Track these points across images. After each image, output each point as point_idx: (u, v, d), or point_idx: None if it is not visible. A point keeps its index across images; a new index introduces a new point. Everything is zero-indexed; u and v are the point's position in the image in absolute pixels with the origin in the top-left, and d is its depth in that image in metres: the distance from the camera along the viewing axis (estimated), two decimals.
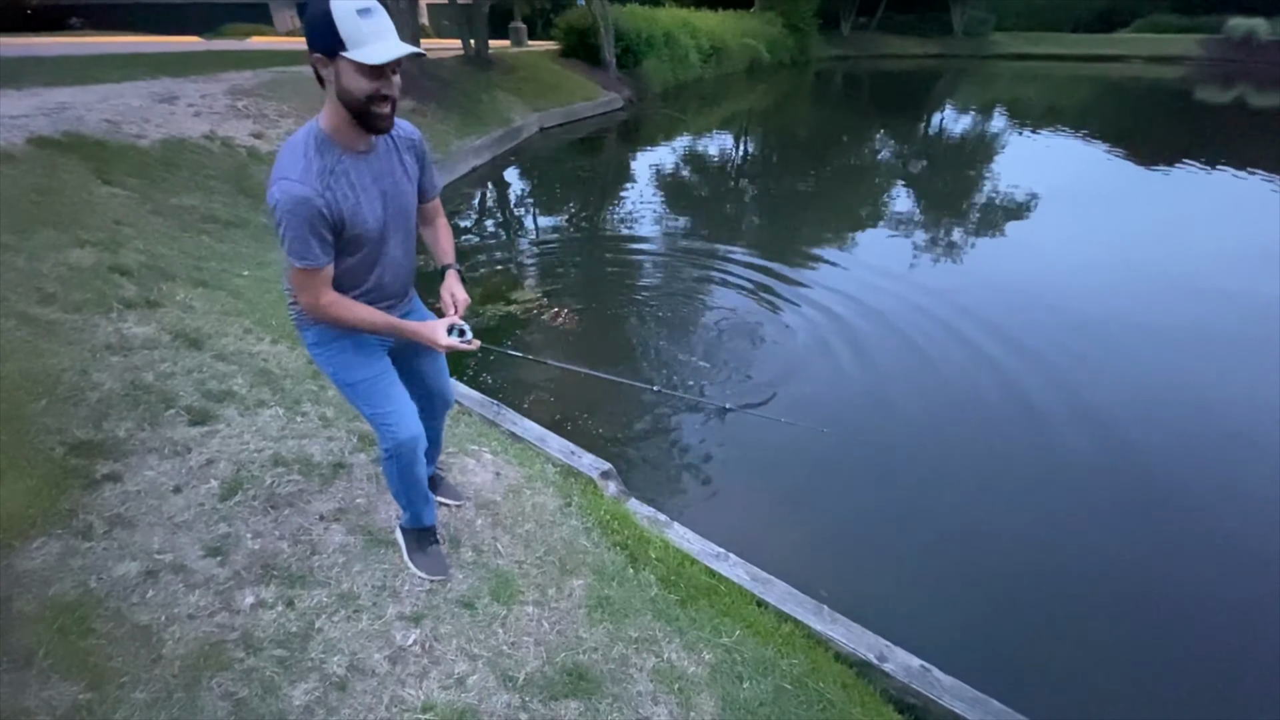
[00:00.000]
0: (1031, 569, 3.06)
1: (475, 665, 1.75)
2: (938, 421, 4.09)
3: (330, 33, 1.24)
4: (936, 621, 2.78)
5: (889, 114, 18.78)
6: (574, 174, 10.76)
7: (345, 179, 1.39)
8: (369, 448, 2.68)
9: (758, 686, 2.07)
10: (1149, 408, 4.27)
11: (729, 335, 5.07)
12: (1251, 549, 3.18)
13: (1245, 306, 5.78)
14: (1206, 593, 2.96)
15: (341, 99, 1.32)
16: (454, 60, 13.11)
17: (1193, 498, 3.51)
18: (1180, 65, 30.85)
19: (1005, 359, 4.81)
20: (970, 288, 6.09)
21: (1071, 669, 2.62)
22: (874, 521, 3.33)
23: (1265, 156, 12.37)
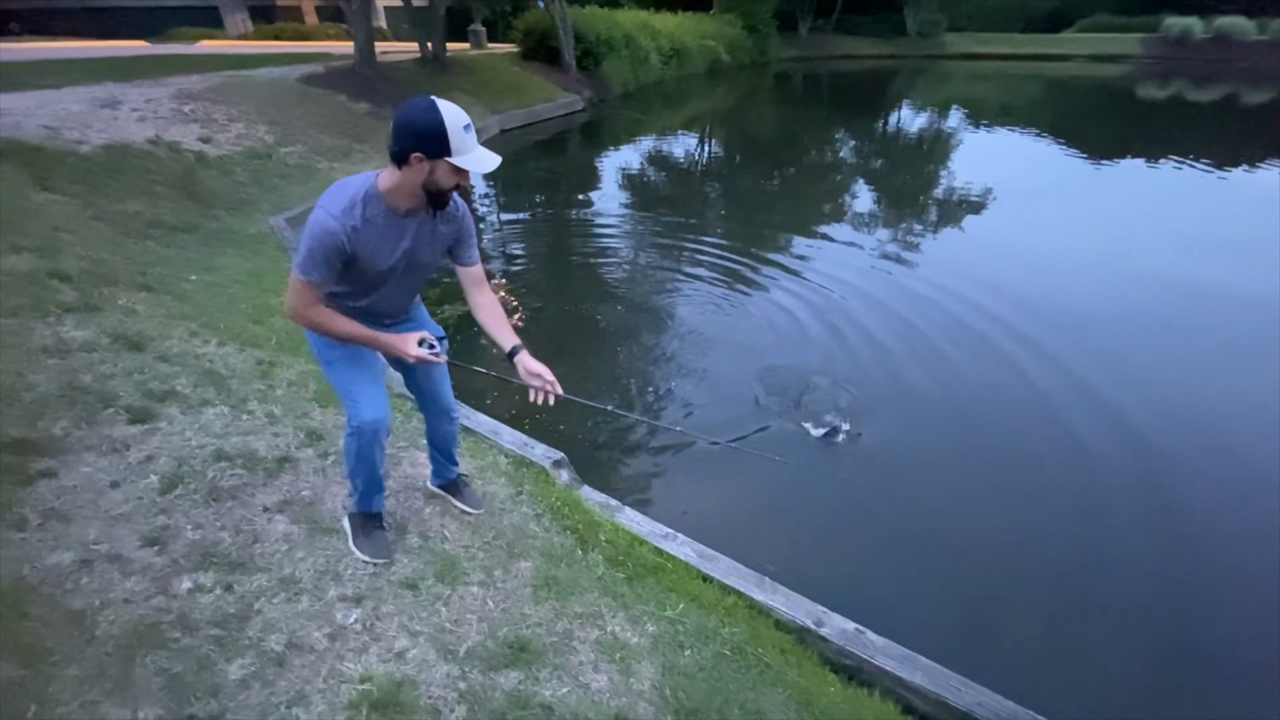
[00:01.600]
0: (968, 539, 3.21)
1: (416, 641, 1.79)
2: (882, 401, 4.25)
3: (441, 142, 1.48)
4: (875, 589, 2.92)
5: (849, 113, 19.21)
6: (536, 174, 10.79)
7: (375, 228, 1.59)
8: (316, 443, 2.69)
9: (699, 654, 2.15)
10: (1099, 387, 4.48)
11: (690, 340, 5.07)
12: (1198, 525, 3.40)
13: (1197, 294, 6.00)
14: (1132, 559, 3.15)
15: (426, 186, 1.55)
16: (411, 63, 13.02)
17: (1127, 467, 3.73)
18: (1122, 64, 32.18)
19: (956, 342, 5.04)
20: (933, 279, 6.24)
21: (998, 629, 2.77)
22: (824, 502, 3.46)
23: (1203, 149, 13.03)
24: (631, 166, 11.50)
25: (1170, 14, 32.68)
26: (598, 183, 10.39)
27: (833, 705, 2.05)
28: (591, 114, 15.88)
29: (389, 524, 2.27)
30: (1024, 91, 25.18)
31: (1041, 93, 24.78)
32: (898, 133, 16.13)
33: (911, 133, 16.14)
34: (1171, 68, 29.97)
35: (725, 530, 3.18)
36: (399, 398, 3.45)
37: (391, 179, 1.56)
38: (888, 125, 17.13)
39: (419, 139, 1.47)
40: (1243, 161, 11.81)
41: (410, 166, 1.52)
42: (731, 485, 3.56)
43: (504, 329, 1.85)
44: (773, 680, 2.11)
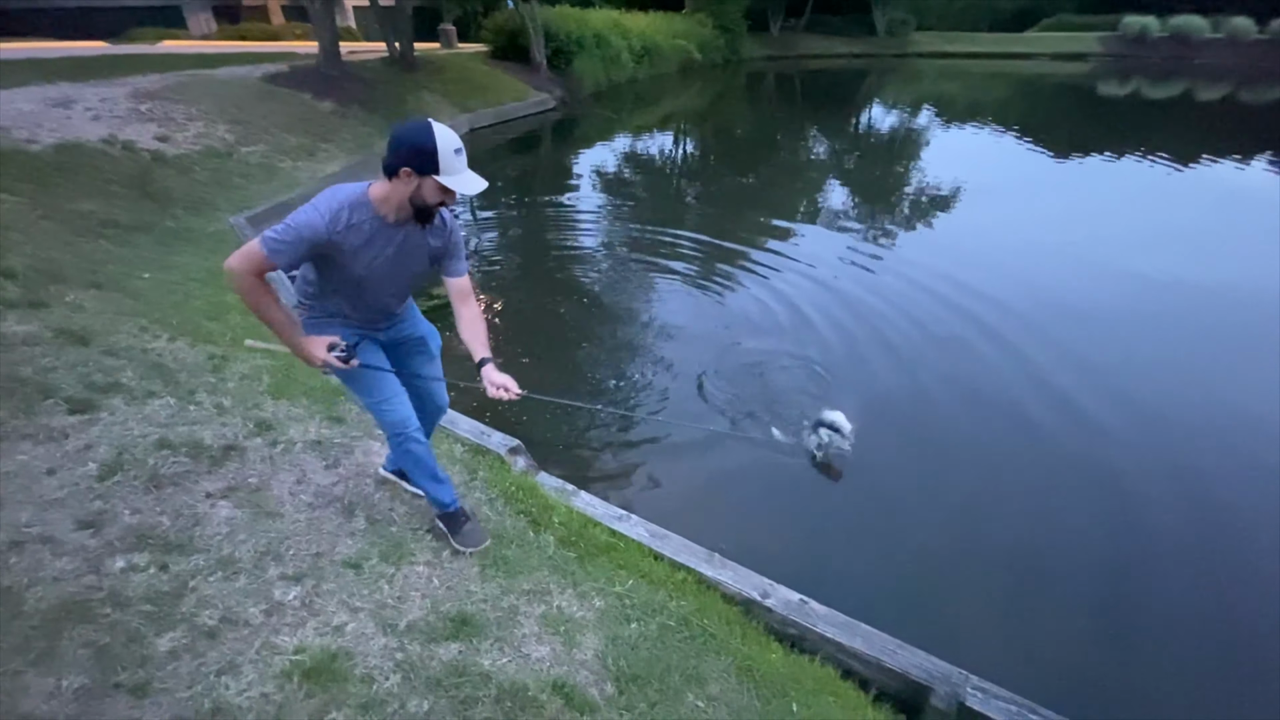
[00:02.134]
0: (919, 516, 3.31)
1: (355, 616, 1.82)
2: (838, 384, 4.35)
3: (430, 161, 1.57)
4: (823, 563, 3.00)
5: (822, 112, 19.43)
6: (506, 172, 10.77)
7: (361, 233, 1.66)
8: (266, 432, 2.69)
9: (644, 626, 2.20)
10: (1054, 370, 4.64)
11: (661, 333, 5.11)
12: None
13: (1160, 286, 6.15)
14: (1073, 531, 3.27)
15: (413, 200, 1.64)
16: (378, 62, 12.91)
17: (1068, 443, 3.86)
18: (1084, 61, 33.00)
19: (918, 328, 5.17)
20: (903, 274, 6.33)
21: (936, 597, 2.86)
22: (780, 484, 3.53)
23: (1163, 145, 13.43)
24: (605, 165, 11.53)
25: (1129, 13, 33.59)
26: (571, 181, 10.41)
27: (773, 671, 2.11)
28: (563, 113, 15.88)
29: (472, 512, 2.33)
30: (991, 89, 25.70)
31: (1008, 91, 25.31)
32: (870, 131, 16.37)
33: (883, 131, 16.39)
34: (1130, 65, 30.81)
35: (682, 512, 3.24)
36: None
37: (382, 189, 1.65)
38: (860, 123, 17.38)
39: (411, 155, 1.57)
40: (1201, 156, 12.21)
41: (399, 179, 1.60)
42: (690, 470, 3.61)
43: (479, 342, 1.93)
44: (716, 649, 2.17)
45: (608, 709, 1.79)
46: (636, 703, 1.84)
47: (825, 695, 2.05)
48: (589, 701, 1.79)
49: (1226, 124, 17.82)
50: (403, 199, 1.64)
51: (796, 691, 2.04)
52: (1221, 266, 6.67)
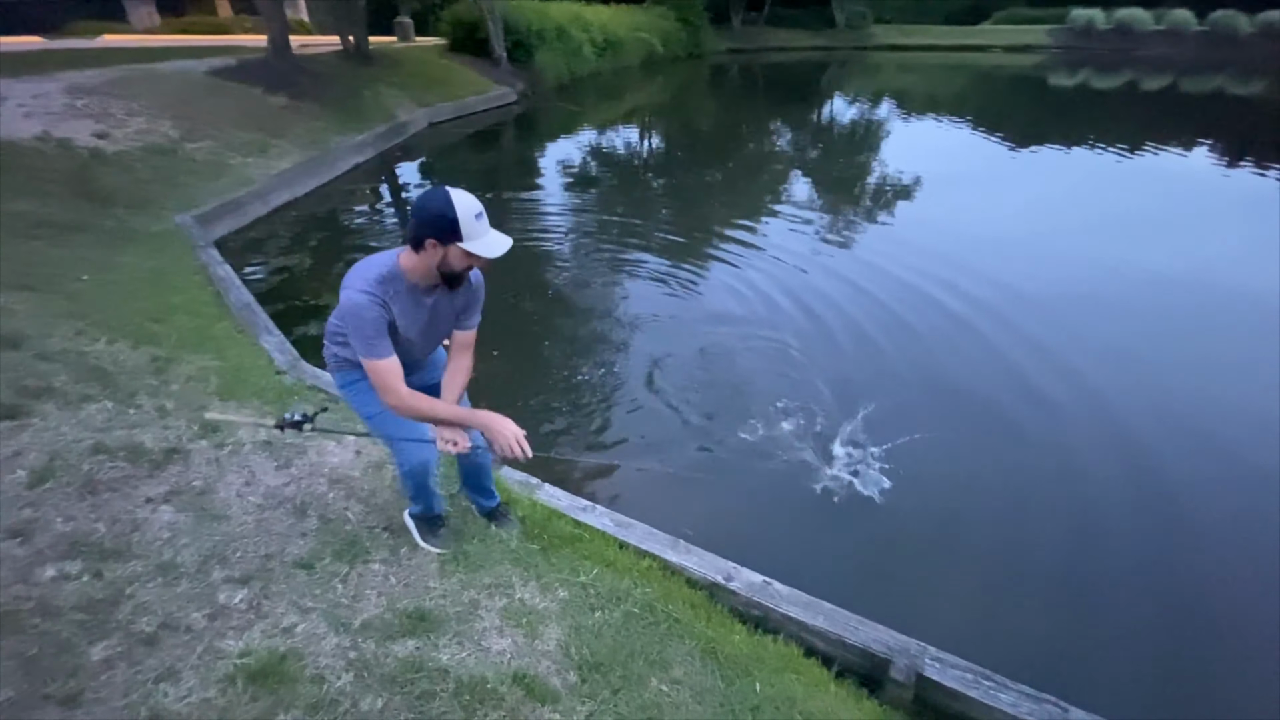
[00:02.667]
0: (879, 498, 3.37)
1: (306, 616, 1.77)
2: (814, 370, 4.40)
3: (453, 230, 1.59)
4: (787, 545, 3.04)
5: (785, 105, 19.59)
6: (468, 167, 10.61)
7: (399, 302, 1.70)
8: (211, 434, 2.60)
9: (608, 614, 2.19)
10: (1016, 352, 4.77)
11: (636, 328, 5.06)
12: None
13: (1118, 270, 6.31)
14: (1027, 503, 3.36)
15: (440, 268, 1.67)
16: (332, 56, 12.56)
17: (1033, 426, 3.97)
18: (1034, 53, 33.98)
19: (884, 313, 5.26)
20: (868, 264, 6.41)
21: (893, 575, 2.92)
22: (746, 470, 3.55)
23: (1112, 134, 13.90)
24: (570, 159, 11.43)
25: (1076, 6, 34.65)
26: (536, 175, 10.29)
27: (737, 652, 2.12)
28: (525, 106, 15.70)
29: (447, 518, 2.33)
30: (949, 82, 26.25)
31: (964, 83, 25.89)
32: (833, 123, 16.56)
33: (846, 123, 16.60)
34: (1078, 57, 31.84)
35: (647, 501, 3.25)
36: (312, 389, 3.37)
37: (410, 260, 1.67)
38: (823, 116, 17.58)
39: (433, 226, 1.59)
40: (1146, 144, 12.66)
41: (425, 250, 1.63)
42: (656, 460, 3.60)
43: (455, 391, 1.95)
44: (680, 633, 2.17)
45: (570, 697, 1.78)
46: (599, 690, 1.83)
47: (788, 673, 2.07)
48: (550, 691, 1.77)
49: (1169, 113, 18.55)
50: (430, 268, 1.67)
51: (760, 671, 2.05)
52: (1169, 251, 6.91)
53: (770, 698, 1.94)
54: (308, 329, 4.87)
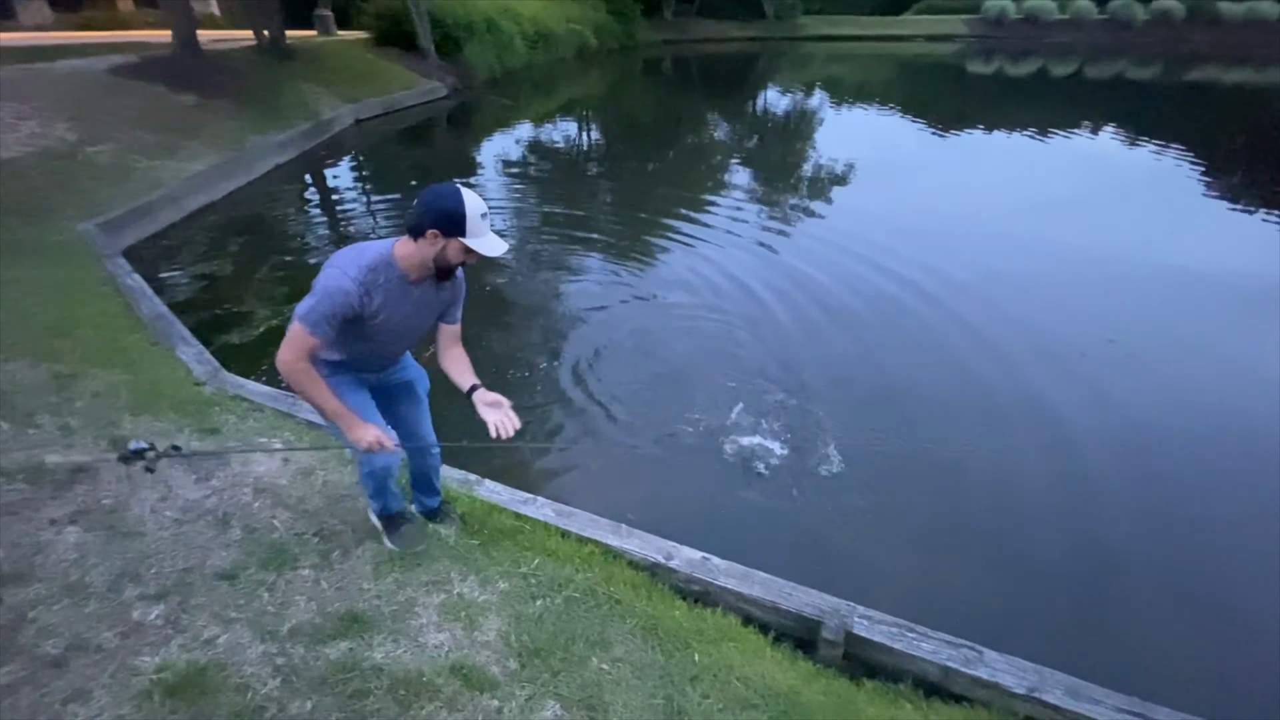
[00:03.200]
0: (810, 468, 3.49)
1: (230, 627, 1.71)
2: (760, 348, 4.51)
3: (458, 225, 1.62)
4: (727, 521, 3.12)
5: (721, 96, 19.81)
6: (399, 164, 10.30)
7: (384, 292, 1.69)
8: None
9: (549, 602, 2.21)
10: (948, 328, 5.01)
11: (577, 321, 5.05)
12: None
13: (1043, 249, 6.68)
14: (956, 469, 3.55)
15: (436, 260, 1.69)
16: (246, 51, 11.93)
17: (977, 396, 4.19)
18: (953, 42, 35.52)
19: (813, 293, 5.42)
20: (808, 249, 6.59)
21: (834, 543, 3.04)
22: (686, 451, 3.61)
23: (1025, 118, 14.68)
24: (508, 153, 11.23)
25: None
26: (472, 170, 10.06)
27: (677, 627, 2.18)
28: (457, 101, 15.33)
29: (411, 515, 2.33)
30: (876, 71, 27.12)
31: (891, 72, 26.80)
32: (768, 114, 16.86)
33: (781, 114, 16.94)
34: (993, 45, 33.46)
35: (589, 490, 3.28)
36: (235, 399, 3.24)
37: (405, 249, 1.68)
38: (758, 107, 17.88)
39: (440, 217, 1.62)
40: (1057, 128, 13.44)
41: (425, 239, 1.65)
42: (597, 449, 3.64)
43: (465, 373, 1.95)
44: (622, 614, 2.21)
45: (509, 683, 1.79)
46: (539, 674, 1.86)
47: (726, 643, 2.14)
48: (489, 679, 1.78)
49: (1076, 98, 19.75)
50: (426, 258, 1.68)
51: (699, 642, 2.11)
52: (1082, 229, 7.32)
53: (708, 667, 2.01)
54: (230, 337, 4.67)
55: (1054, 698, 1.94)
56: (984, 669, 2.03)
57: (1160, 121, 15.15)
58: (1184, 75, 23.75)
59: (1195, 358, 4.67)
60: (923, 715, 1.93)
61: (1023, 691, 1.96)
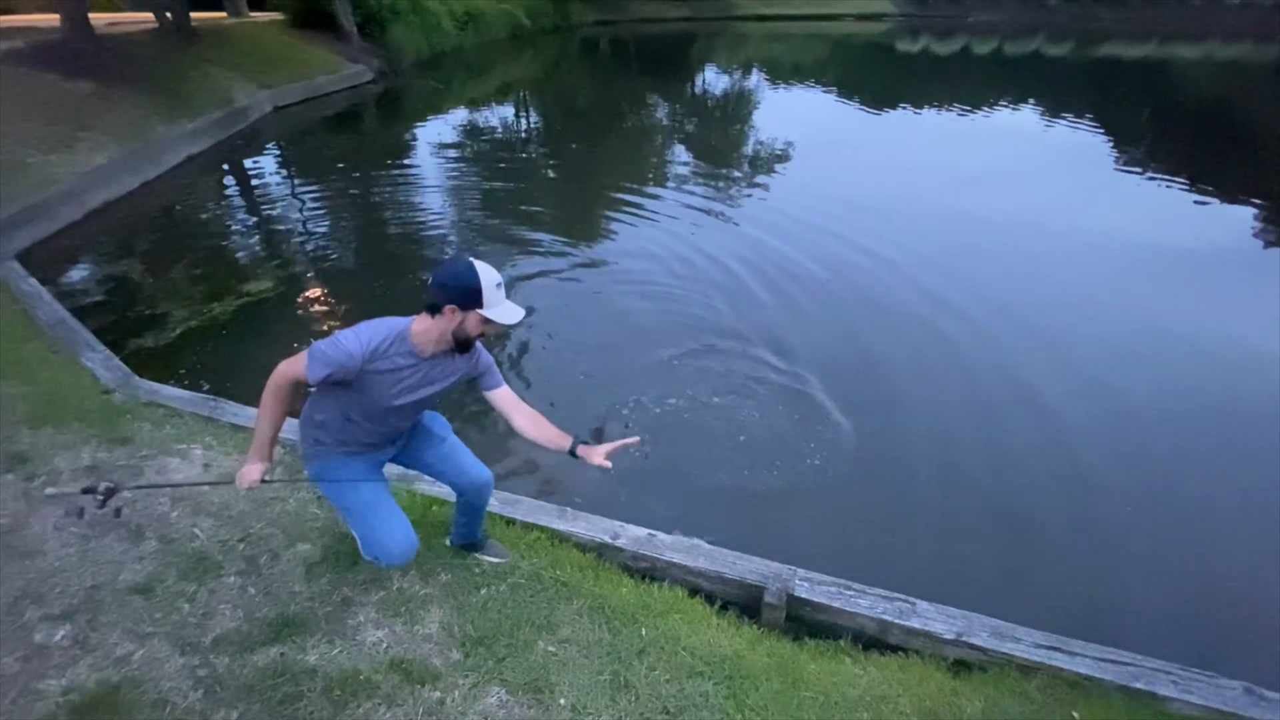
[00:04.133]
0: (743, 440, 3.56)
1: (146, 642, 1.62)
2: (686, 329, 4.54)
3: (474, 296, 1.63)
4: (674, 498, 3.15)
5: (661, 77, 19.65)
6: (325, 152, 9.80)
7: (393, 370, 1.70)
8: (19, 466, 2.29)
9: (494, 590, 2.18)
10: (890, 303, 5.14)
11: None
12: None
13: (973, 222, 6.92)
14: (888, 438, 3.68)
15: (455, 333, 1.70)
16: (147, 35, 11.07)
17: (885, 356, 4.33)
18: (882, 21, 36.40)
19: (754, 269, 5.49)
20: (754, 226, 6.64)
21: (775, 510, 3.12)
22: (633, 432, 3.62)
23: (952, 95, 15.17)
24: (443, 139, 10.81)
25: None
26: (406, 158, 9.67)
27: (624, 603, 2.19)
28: (384, 85, 14.70)
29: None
30: (810, 50, 27.51)
31: (825, 51, 27.25)
32: (708, 95, 16.86)
33: (720, 94, 16.97)
34: (918, 24, 34.50)
35: (535, 478, 3.24)
36: (149, 406, 3.05)
37: (423, 324, 1.70)
38: (698, 87, 17.85)
39: (457, 293, 1.63)
40: (983, 105, 13.97)
41: (443, 315, 1.66)
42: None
43: (554, 434, 1.91)
44: (569, 595, 2.20)
45: (451, 674, 1.76)
46: (483, 662, 1.83)
47: (673, 615, 2.17)
48: (430, 671, 1.75)
49: (997, 75, 20.58)
50: (445, 333, 1.70)
51: (646, 616, 2.13)
52: (1008, 200, 7.62)
53: (655, 640, 2.03)
54: (144, 341, 4.38)
55: (980, 640, 2.05)
56: (916, 619, 2.12)
57: (1074, 96, 15.97)
58: (1094, 51, 25.09)
59: (1099, 311, 4.99)
60: (860, 667, 2.00)
61: (952, 637, 2.06)
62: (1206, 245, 6.34)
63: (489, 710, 1.68)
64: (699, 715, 1.77)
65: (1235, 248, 6.40)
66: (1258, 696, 1.89)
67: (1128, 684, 1.91)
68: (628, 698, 1.79)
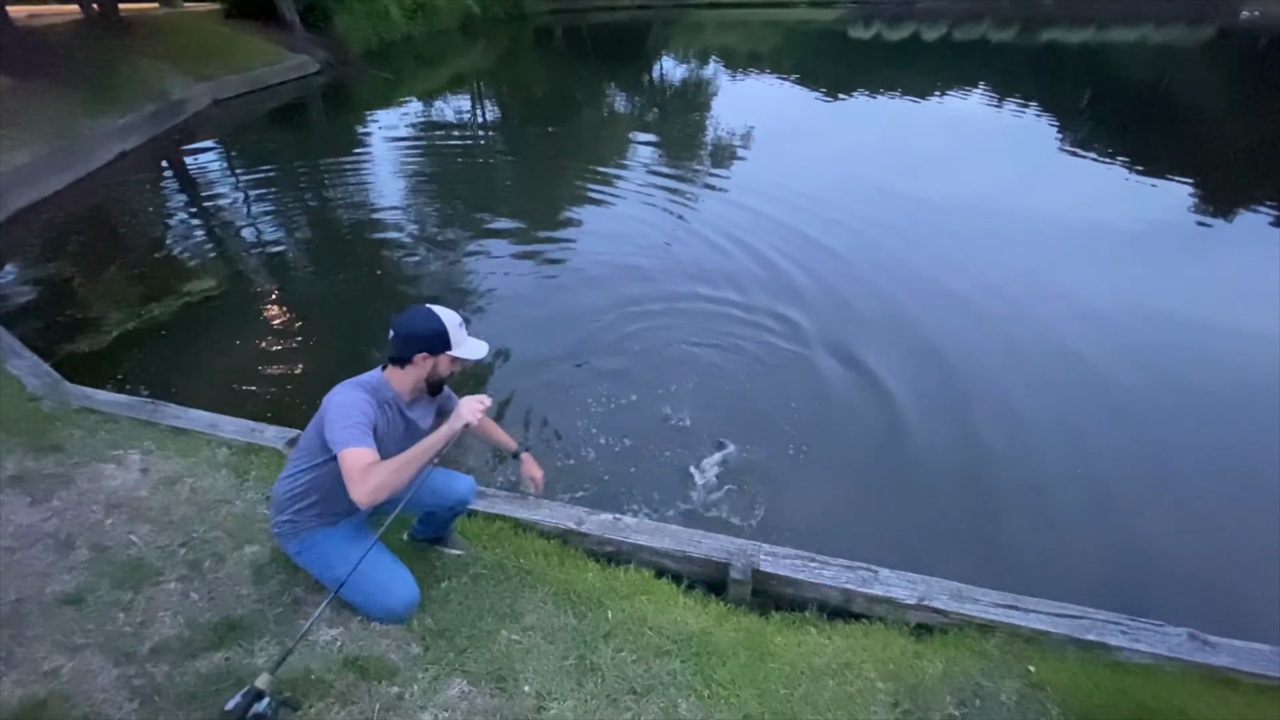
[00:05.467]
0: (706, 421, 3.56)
1: (76, 655, 1.52)
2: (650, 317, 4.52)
3: (442, 340, 1.72)
4: (641, 484, 3.13)
5: (617, 66, 19.47)
6: (268, 146, 9.42)
7: (384, 412, 1.72)
8: None
9: (455, 582, 2.12)
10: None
11: (482, 310, 4.83)
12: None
13: (931, 204, 7.01)
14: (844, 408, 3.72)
15: (429, 376, 1.77)
16: (72, 27, 10.46)
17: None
18: (834, 8, 36.73)
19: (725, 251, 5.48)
20: (715, 215, 6.60)
21: (743, 488, 3.13)
22: (594, 417, 3.58)
23: (904, 82, 15.40)
24: (395, 132, 10.45)
25: None
26: (357, 152, 9.33)
27: (589, 588, 2.16)
28: (331, 77, 14.21)
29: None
30: (764, 38, 27.61)
31: (779, 39, 27.39)
32: (665, 84, 16.75)
33: (678, 83, 16.88)
34: (870, 10, 34.91)
35: (498, 470, 3.18)
36: (81, 412, 2.88)
37: (395, 375, 1.75)
38: (655, 77, 17.74)
39: (424, 340, 1.71)
40: (933, 91, 14.21)
41: (414, 365, 1.73)
42: (508, 428, 3.54)
43: (503, 436, 2.17)
44: (533, 583, 2.16)
45: (410, 668, 1.71)
46: (444, 654, 1.78)
47: (639, 597, 2.15)
48: (388, 666, 1.69)
49: (946, 61, 21.01)
50: (419, 380, 1.76)
51: (612, 599, 2.11)
52: (961, 183, 7.73)
53: (621, 622, 2.01)
54: (78, 346, 4.16)
55: (941, 603, 2.08)
56: (879, 586, 2.15)
57: (1019, 81, 16.40)
58: (1037, 37, 25.80)
59: (1040, 284, 5.15)
60: (826, 636, 2.02)
61: (913, 601, 2.09)
62: (1143, 223, 6.58)
63: (450, 702, 1.63)
64: (666, 693, 1.75)
65: (1171, 222, 6.67)
66: (1202, 641, 1.97)
67: (1080, 636, 1.97)
68: (594, 680, 1.77)
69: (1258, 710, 1.79)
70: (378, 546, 1.80)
